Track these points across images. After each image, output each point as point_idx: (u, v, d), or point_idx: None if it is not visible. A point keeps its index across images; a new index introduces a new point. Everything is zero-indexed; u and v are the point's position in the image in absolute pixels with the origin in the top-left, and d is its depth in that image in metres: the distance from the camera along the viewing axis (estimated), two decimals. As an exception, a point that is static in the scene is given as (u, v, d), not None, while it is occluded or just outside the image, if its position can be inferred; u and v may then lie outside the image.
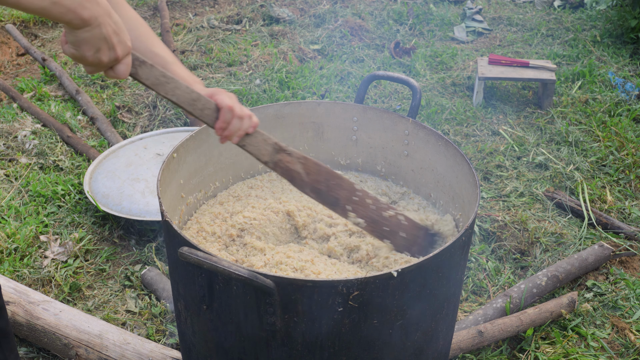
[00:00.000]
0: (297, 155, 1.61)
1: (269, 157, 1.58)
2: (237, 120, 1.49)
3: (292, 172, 1.61)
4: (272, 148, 1.58)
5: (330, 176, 1.67)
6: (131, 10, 1.59)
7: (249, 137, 1.55)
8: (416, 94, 1.98)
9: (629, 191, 3.38)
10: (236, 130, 1.50)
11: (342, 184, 1.68)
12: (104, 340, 2.23)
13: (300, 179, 1.62)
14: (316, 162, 1.64)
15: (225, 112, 1.47)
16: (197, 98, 1.44)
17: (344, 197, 1.69)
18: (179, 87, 1.41)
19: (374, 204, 1.74)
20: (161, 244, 2.94)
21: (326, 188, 1.66)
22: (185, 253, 1.38)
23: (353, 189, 1.70)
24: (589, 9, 6.00)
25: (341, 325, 1.44)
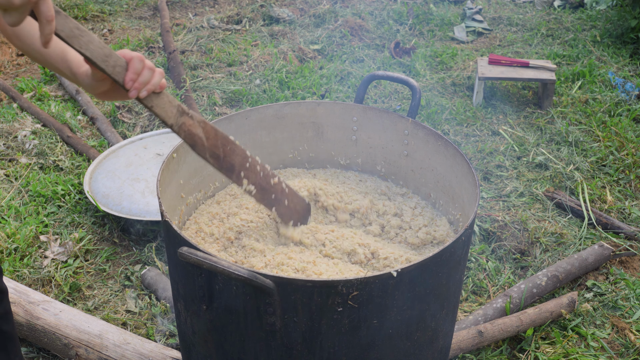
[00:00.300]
0: (197, 119, 1.59)
1: (174, 120, 1.55)
2: (148, 70, 1.43)
3: (194, 136, 1.59)
4: (176, 110, 1.55)
5: (226, 141, 1.66)
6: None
7: (157, 98, 1.51)
8: (416, 94, 1.98)
9: (629, 191, 3.38)
10: (146, 81, 1.44)
11: (235, 149, 1.68)
12: (104, 340, 2.23)
13: (202, 144, 1.61)
14: (213, 126, 1.63)
15: (135, 61, 1.41)
16: (109, 54, 1.40)
17: (238, 163, 1.69)
18: (92, 42, 1.37)
19: (262, 171, 1.75)
20: (161, 244, 2.94)
21: (223, 154, 1.65)
22: (184, 253, 1.38)
23: (245, 155, 1.70)
24: (589, 9, 6.00)
25: (341, 326, 1.44)
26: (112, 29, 5.71)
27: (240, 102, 4.28)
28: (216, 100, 4.25)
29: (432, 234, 1.93)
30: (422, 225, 1.97)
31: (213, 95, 4.31)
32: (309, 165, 2.27)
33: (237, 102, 4.29)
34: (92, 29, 5.72)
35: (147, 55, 5.06)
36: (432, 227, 1.96)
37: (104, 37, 5.56)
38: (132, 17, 6.00)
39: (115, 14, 6.03)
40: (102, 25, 5.78)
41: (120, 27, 5.74)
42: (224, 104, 4.27)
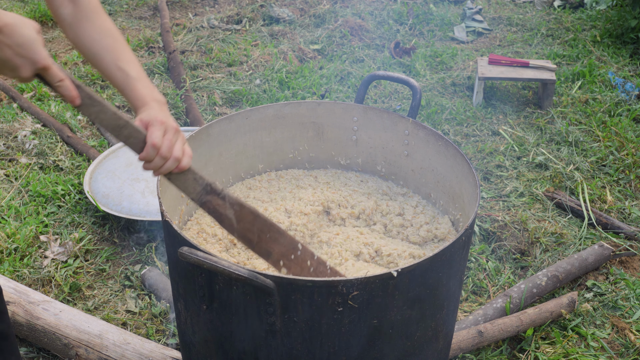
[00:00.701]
0: (231, 201, 1.55)
1: (196, 196, 1.53)
2: (160, 159, 1.43)
3: (221, 215, 1.55)
4: (201, 188, 1.52)
5: (267, 228, 1.59)
6: (106, 21, 1.55)
7: (176, 174, 1.49)
8: (416, 94, 1.98)
9: (629, 191, 3.38)
10: (157, 167, 1.45)
11: (279, 238, 1.61)
12: (104, 340, 2.23)
13: (230, 224, 1.56)
14: (253, 210, 1.57)
15: (148, 149, 1.42)
16: (123, 125, 1.40)
17: (278, 252, 1.62)
18: (105, 112, 1.38)
19: (314, 266, 1.65)
20: (161, 244, 2.94)
21: (258, 239, 1.59)
22: (185, 253, 1.38)
23: (294, 247, 1.62)
24: (589, 9, 6.00)
25: (341, 325, 1.44)
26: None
27: (240, 102, 4.27)
28: (216, 100, 4.25)
29: (433, 231, 1.93)
30: (424, 223, 1.97)
31: (213, 95, 4.31)
32: (310, 165, 2.27)
33: (237, 102, 4.29)
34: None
35: (147, 55, 5.06)
36: (434, 224, 1.97)
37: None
38: (132, 17, 6.00)
39: (115, 14, 6.03)
40: (102, 25, 5.77)
41: (120, 27, 5.74)
42: (224, 104, 4.27)
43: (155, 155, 1.42)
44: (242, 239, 1.59)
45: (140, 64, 1.56)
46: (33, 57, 1.24)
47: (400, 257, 1.81)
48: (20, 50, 1.22)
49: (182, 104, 4.14)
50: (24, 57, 1.23)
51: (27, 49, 1.23)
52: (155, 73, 4.69)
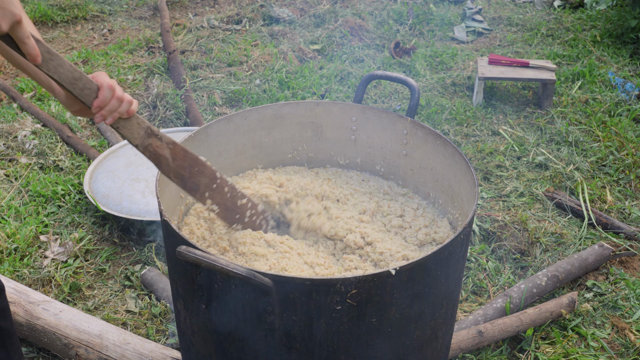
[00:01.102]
0: (166, 140, 1.64)
1: (140, 141, 1.60)
2: (116, 100, 1.50)
3: (159, 157, 1.63)
4: (144, 132, 1.60)
5: (195, 162, 1.70)
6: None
7: (124, 121, 1.57)
8: (414, 93, 1.98)
9: (629, 191, 3.38)
10: (113, 109, 1.51)
11: (204, 171, 1.72)
12: (104, 340, 2.23)
13: (167, 164, 1.65)
14: (183, 147, 1.67)
15: (105, 90, 1.48)
16: (79, 77, 1.45)
17: (204, 184, 1.73)
18: (62, 65, 1.42)
19: (230, 192, 1.80)
20: (161, 244, 2.94)
21: (189, 174, 1.69)
22: (183, 252, 1.38)
23: (214, 177, 1.75)
24: (589, 9, 5.99)
25: (340, 324, 1.44)
26: (112, 29, 5.71)
27: (240, 102, 4.28)
28: (216, 100, 4.26)
29: (432, 235, 1.93)
30: (423, 226, 1.97)
31: (213, 95, 4.31)
32: (309, 165, 2.27)
33: (237, 102, 4.29)
34: (92, 29, 5.72)
35: (147, 55, 5.06)
36: (433, 228, 1.96)
37: (104, 37, 5.56)
38: (132, 17, 6.01)
39: (115, 14, 6.04)
40: (102, 25, 5.79)
41: (120, 27, 5.75)
42: (224, 104, 4.27)
43: (111, 97, 1.49)
44: (177, 177, 1.68)
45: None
46: (12, 10, 1.25)
47: (393, 258, 1.81)
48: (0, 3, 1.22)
49: (182, 104, 4.14)
50: (2, 8, 1.23)
51: (6, 2, 1.24)
52: (155, 73, 4.70)
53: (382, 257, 1.81)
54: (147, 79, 4.61)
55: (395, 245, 1.88)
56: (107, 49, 5.15)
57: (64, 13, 5.89)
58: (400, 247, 1.87)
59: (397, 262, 1.80)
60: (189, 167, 1.69)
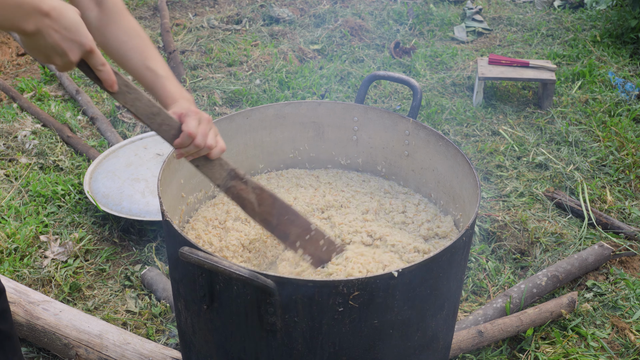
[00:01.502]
0: (253, 185, 1.62)
1: (222, 182, 1.59)
2: (194, 147, 1.49)
3: (244, 200, 1.62)
4: (227, 174, 1.59)
5: (285, 211, 1.67)
6: (131, 21, 1.58)
7: (204, 160, 1.55)
8: (417, 94, 1.98)
9: (629, 191, 3.38)
10: (190, 153, 1.51)
11: (295, 220, 1.69)
12: (104, 340, 2.23)
13: (252, 209, 1.64)
14: (272, 194, 1.65)
15: (184, 137, 1.46)
16: (157, 113, 1.44)
17: (294, 233, 1.70)
18: (140, 99, 1.41)
19: (326, 245, 1.74)
20: (161, 244, 2.94)
21: (277, 222, 1.67)
22: (186, 253, 1.38)
23: (307, 228, 1.70)
24: (589, 9, 6.00)
25: (342, 325, 1.44)
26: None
27: (240, 102, 4.27)
28: (216, 100, 4.25)
29: (434, 229, 1.93)
30: (425, 221, 1.97)
31: (213, 95, 4.31)
32: (310, 165, 2.27)
33: (237, 102, 4.29)
34: (92, 29, 5.71)
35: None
36: (436, 222, 1.97)
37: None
38: (132, 17, 5.99)
39: (115, 14, 6.03)
40: (102, 25, 5.77)
41: (120, 27, 5.74)
42: (224, 104, 4.27)
43: (190, 144, 1.47)
44: (263, 222, 1.66)
45: (166, 64, 1.59)
46: (81, 40, 1.24)
47: (405, 250, 1.81)
48: (67, 34, 1.22)
49: (182, 104, 4.13)
50: (72, 40, 1.23)
51: (74, 32, 1.23)
52: (155, 73, 4.69)
53: (394, 248, 1.81)
54: (147, 78, 4.60)
55: (405, 237, 1.88)
56: (106, 49, 5.13)
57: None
58: (410, 239, 1.88)
59: (409, 254, 1.80)
60: (277, 214, 1.66)
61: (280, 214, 1.66)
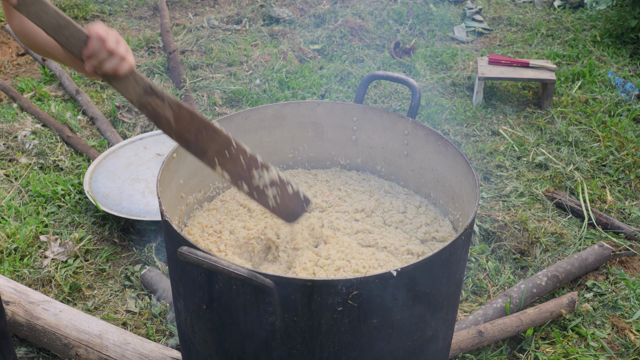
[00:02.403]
0: (170, 101, 1.55)
1: (136, 97, 1.52)
2: (105, 52, 1.39)
3: (159, 116, 1.56)
4: (142, 90, 1.52)
5: (204, 127, 1.61)
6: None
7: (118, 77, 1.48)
8: (416, 93, 1.98)
9: (629, 191, 3.38)
10: (102, 60, 1.40)
11: (215, 137, 1.63)
12: (104, 340, 2.23)
13: (168, 125, 1.57)
14: (192, 111, 1.58)
15: (93, 41, 1.37)
16: (65, 25, 1.35)
17: (213, 149, 1.64)
18: (46, 11, 1.33)
19: (247, 163, 1.70)
20: (161, 244, 2.94)
21: (194, 138, 1.61)
22: (184, 253, 1.38)
23: (228, 144, 1.65)
24: (589, 9, 6.00)
25: (341, 325, 1.44)
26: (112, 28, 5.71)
27: (240, 102, 4.28)
28: (216, 100, 4.25)
29: (432, 233, 1.93)
30: (424, 224, 1.97)
31: (213, 95, 4.31)
32: (309, 165, 2.27)
33: (237, 102, 4.29)
34: (92, 29, 5.71)
35: (147, 55, 5.06)
36: (434, 226, 1.97)
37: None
38: (132, 17, 6.00)
39: (115, 14, 6.03)
40: (102, 26, 5.78)
41: (120, 27, 5.74)
42: (224, 104, 4.27)
43: (101, 48, 1.38)
44: (180, 139, 1.61)
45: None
46: None
47: (398, 251, 1.81)
48: None
49: (182, 104, 4.14)
50: None
51: None
52: (155, 73, 4.70)
53: (386, 250, 1.82)
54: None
55: (399, 238, 1.88)
56: (107, 49, 5.14)
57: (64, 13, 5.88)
58: (403, 240, 1.88)
59: (402, 255, 1.80)
60: (195, 131, 1.60)
61: (198, 130, 1.60)
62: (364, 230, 1.93)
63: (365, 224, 1.96)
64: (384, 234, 1.92)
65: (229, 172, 1.69)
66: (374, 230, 1.93)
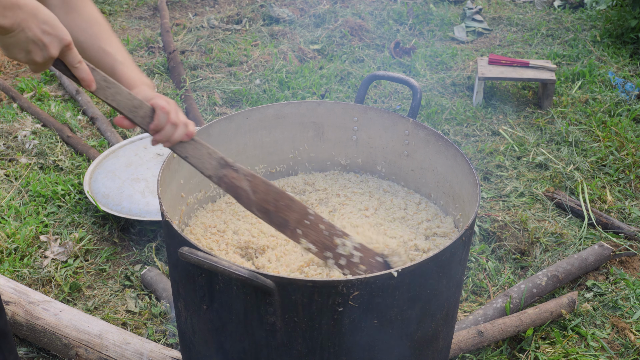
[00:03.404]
0: (244, 172, 1.56)
1: (213, 172, 1.54)
2: (170, 126, 1.47)
3: (237, 189, 1.56)
4: (216, 162, 1.54)
5: (280, 196, 1.61)
6: (91, 9, 1.57)
7: (191, 149, 1.52)
8: (416, 94, 1.98)
9: (629, 191, 3.38)
10: (169, 135, 1.48)
11: (292, 205, 1.62)
12: (104, 340, 2.23)
13: (247, 197, 1.57)
14: (265, 180, 1.60)
15: (159, 114, 1.45)
16: (138, 105, 1.43)
17: (293, 219, 1.62)
18: (120, 93, 1.40)
19: (327, 230, 1.67)
20: (161, 244, 2.94)
21: (274, 208, 1.60)
22: (185, 253, 1.38)
23: (305, 212, 1.63)
24: (589, 9, 6.00)
25: (341, 326, 1.44)
26: (112, 29, 5.71)
27: (240, 102, 4.27)
28: (216, 100, 4.25)
29: (433, 229, 1.93)
30: (425, 220, 1.98)
31: (213, 95, 4.31)
32: (310, 165, 2.27)
33: (237, 102, 4.29)
34: (92, 29, 5.71)
35: (147, 55, 5.06)
36: (436, 222, 1.97)
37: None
38: (132, 17, 6.00)
39: (115, 14, 6.03)
40: (102, 25, 5.77)
41: (120, 27, 5.74)
42: (224, 104, 4.27)
43: (166, 122, 1.45)
44: (260, 210, 1.59)
45: (126, 50, 1.57)
46: (59, 34, 1.23)
47: (406, 245, 1.81)
48: (46, 28, 1.21)
49: (182, 104, 4.14)
50: (50, 34, 1.22)
51: (52, 26, 1.22)
52: (155, 73, 4.69)
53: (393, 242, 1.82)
54: (147, 78, 4.61)
55: (407, 233, 1.88)
56: (106, 49, 5.13)
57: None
58: (411, 235, 1.88)
59: (410, 251, 1.80)
60: (273, 200, 1.59)
61: (276, 199, 1.59)
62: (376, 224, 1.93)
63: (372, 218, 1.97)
64: (391, 227, 1.93)
65: (313, 242, 1.65)
66: (383, 223, 1.94)
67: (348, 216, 2.00)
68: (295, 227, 1.63)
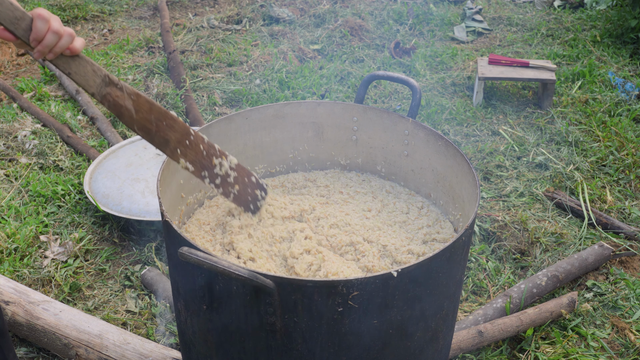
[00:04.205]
0: (128, 91, 1.56)
1: (97, 89, 1.52)
2: (52, 34, 1.39)
3: (120, 107, 1.56)
4: (101, 80, 1.52)
5: (163, 116, 1.62)
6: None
7: (75, 65, 1.48)
8: (416, 93, 1.98)
9: (629, 191, 3.38)
10: (51, 45, 1.40)
11: (174, 125, 1.64)
12: (104, 340, 2.23)
13: (129, 116, 1.58)
14: (149, 100, 1.60)
15: (37, 23, 1.37)
16: (21, 17, 1.37)
17: (174, 139, 1.65)
18: (2, 3, 1.34)
19: (206, 150, 1.71)
20: (161, 244, 2.94)
21: (156, 128, 1.62)
22: (185, 253, 1.38)
23: (186, 132, 1.66)
24: (589, 9, 6.00)
25: (341, 326, 1.44)
26: (112, 29, 5.71)
27: (240, 102, 4.28)
28: (216, 100, 4.25)
29: (433, 235, 1.93)
30: (425, 225, 1.97)
31: (213, 95, 4.31)
32: (309, 165, 2.27)
33: (237, 102, 4.29)
34: (92, 29, 5.71)
35: (147, 55, 5.06)
36: (436, 227, 1.97)
37: (104, 37, 5.55)
38: (132, 17, 6.00)
39: (115, 14, 6.03)
40: (102, 25, 5.78)
41: (120, 27, 5.74)
42: (224, 104, 4.27)
43: (47, 30, 1.38)
44: (142, 129, 1.61)
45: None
46: None
47: (398, 252, 1.81)
48: None
49: (182, 104, 4.14)
50: None
51: None
52: (155, 73, 4.69)
53: (386, 249, 1.82)
54: (147, 79, 4.61)
55: (401, 239, 1.88)
56: (107, 49, 5.15)
57: (64, 13, 5.89)
58: (405, 240, 1.88)
59: (402, 255, 1.81)
60: (155, 120, 1.61)
61: (158, 119, 1.61)
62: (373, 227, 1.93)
63: (371, 221, 1.97)
64: (388, 232, 1.92)
65: (192, 162, 1.70)
66: (382, 227, 1.94)
67: (351, 214, 2.00)
68: (176, 147, 1.66)
